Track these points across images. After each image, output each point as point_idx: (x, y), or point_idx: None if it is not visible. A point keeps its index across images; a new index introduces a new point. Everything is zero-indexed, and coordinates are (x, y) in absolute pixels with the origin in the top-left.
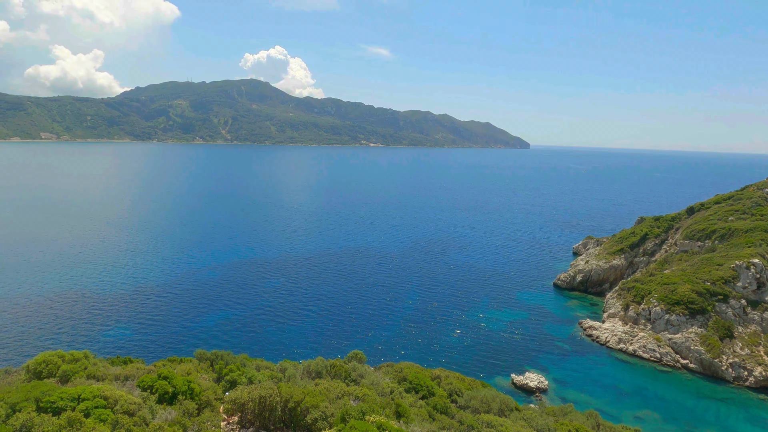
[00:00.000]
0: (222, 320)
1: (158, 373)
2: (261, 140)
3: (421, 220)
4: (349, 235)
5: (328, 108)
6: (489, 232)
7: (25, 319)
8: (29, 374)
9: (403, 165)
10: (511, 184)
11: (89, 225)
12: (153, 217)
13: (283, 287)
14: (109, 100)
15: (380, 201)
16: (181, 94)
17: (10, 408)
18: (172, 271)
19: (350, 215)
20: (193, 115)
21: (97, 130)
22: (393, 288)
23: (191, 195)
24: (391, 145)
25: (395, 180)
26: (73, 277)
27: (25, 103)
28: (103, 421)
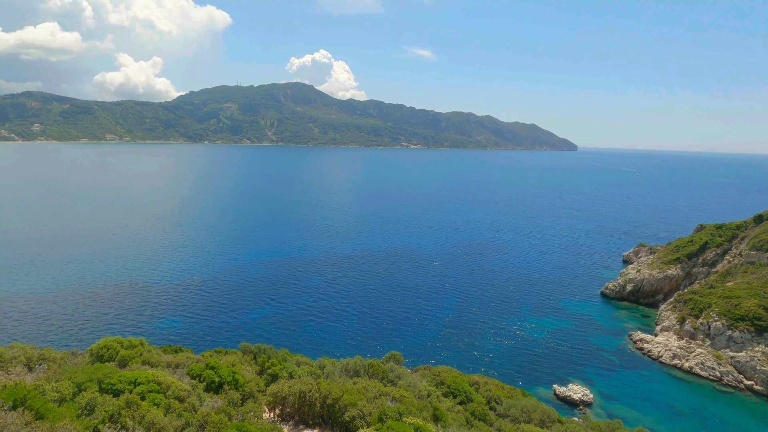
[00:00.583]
0: (264, 315)
1: (206, 362)
2: (304, 141)
3: (461, 222)
4: (387, 237)
5: (370, 110)
6: (532, 237)
7: (89, 306)
8: (92, 357)
9: (443, 167)
10: (557, 188)
11: (145, 221)
12: (202, 214)
13: (322, 286)
14: (165, 104)
15: (419, 203)
16: (231, 97)
17: (77, 387)
18: (219, 267)
19: (389, 216)
20: (241, 118)
21: (154, 132)
22: (431, 291)
23: (238, 194)
24: (432, 147)
25: (435, 182)
26: (131, 269)
27: (93, 108)
28: (157, 405)
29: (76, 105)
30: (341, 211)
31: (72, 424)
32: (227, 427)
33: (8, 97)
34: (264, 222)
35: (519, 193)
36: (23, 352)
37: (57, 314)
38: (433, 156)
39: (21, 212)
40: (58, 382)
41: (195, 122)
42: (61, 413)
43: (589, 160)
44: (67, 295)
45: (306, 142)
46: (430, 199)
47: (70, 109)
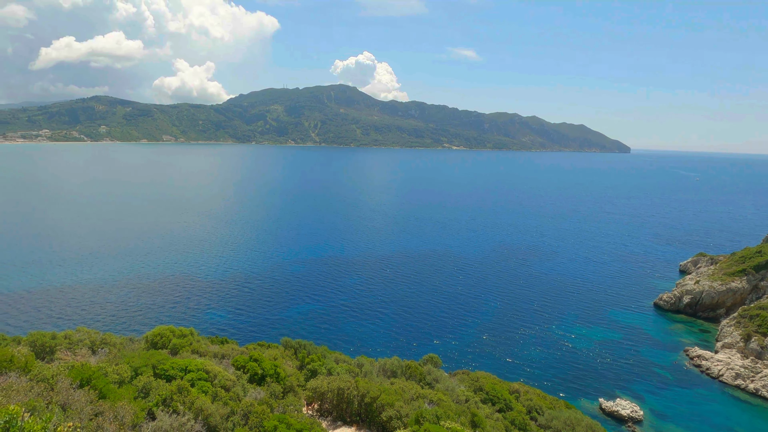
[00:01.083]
0: (304, 312)
1: (250, 355)
2: (347, 143)
3: (503, 225)
4: (427, 238)
5: (412, 111)
6: (579, 242)
7: (144, 296)
8: (147, 344)
9: (485, 168)
10: (607, 191)
11: (195, 217)
12: (247, 212)
13: (361, 285)
14: (217, 107)
15: (459, 205)
16: (277, 99)
17: (134, 371)
18: (262, 264)
19: (428, 218)
20: (286, 119)
21: (206, 133)
22: (470, 294)
23: (280, 193)
24: (475, 148)
25: (476, 184)
26: (182, 263)
27: (152, 110)
28: (205, 393)
29: (137, 108)
30: (380, 212)
31: (130, 405)
32: (269, 419)
33: (80, 101)
34: (305, 221)
35: (565, 196)
36: (88, 336)
37: (116, 302)
38: (476, 158)
39: (88, 207)
40: (118, 366)
41: (243, 124)
42: (120, 394)
43: (643, 163)
44: (125, 285)
45: (348, 143)
46: (471, 201)
47: (132, 112)
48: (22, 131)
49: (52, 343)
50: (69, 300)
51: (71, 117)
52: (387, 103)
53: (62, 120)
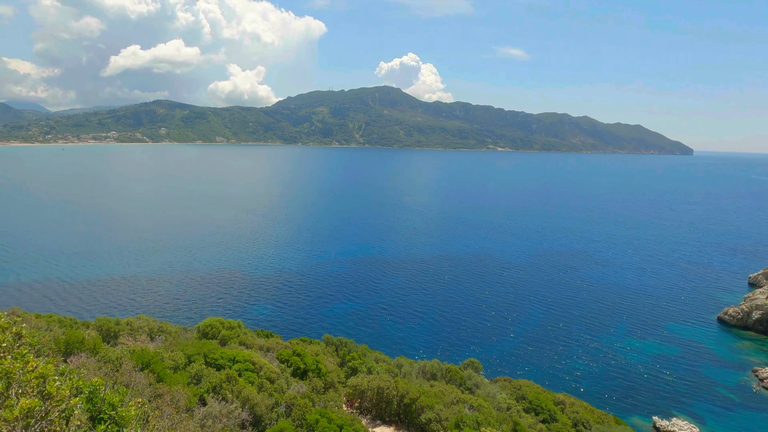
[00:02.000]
0: (345, 310)
1: (293, 349)
2: (390, 144)
3: (550, 230)
4: (469, 241)
5: (456, 112)
6: (632, 250)
7: (196, 288)
8: (199, 333)
9: (532, 170)
10: (665, 196)
11: (244, 214)
12: (292, 210)
13: (401, 286)
14: (266, 109)
15: (504, 207)
16: (323, 102)
17: (187, 358)
18: (306, 262)
19: (471, 221)
20: (331, 121)
21: (255, 135)
22: (513, 300)
23: (324, 193)
24: (521, 150)
25: (522, 186)
26: (230, 258)
27: (206, 113)
28: (251, 383)
29: (193, 111)
30: (422, 213)
31: (184, 390)
32: (311, 412)
33: (143, 105)
34: (347, 220)
35: (617, 200)
36: (147, 324)
37: (171, 293)
38: (522, 159)
39: (149, 203)
40: (174, 352)
41: (290, 125)
42: (175, 379)
43: (707, 165)
44: (179, 277)
45: (391, 144)
46: (516, 203)
47: (189, 115)
48: (93, 133)
49: (116, 328)
50: (130, 289)
51: (135, 120)
52: (431, 104)
53: (127, 122)
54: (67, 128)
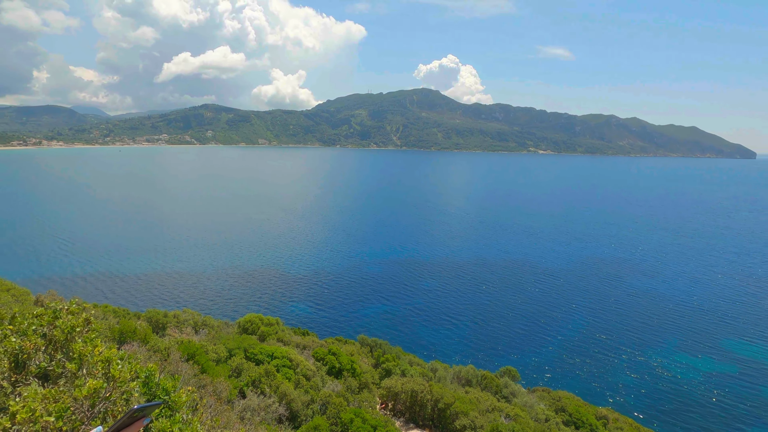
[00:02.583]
0: (379, 312)
1: (328, 348)
2: (427, 146)
3: (593, 236)
4: (507, 245)
5: (496, 114)
6: (684, 259)
7: (237, 285)
8: (239, 329)
9: (575, 173)
10: (722, 202)
11: (283, 214)
12: (329, 211)
13: (436, 290)
14: (306, 112)
15: (544, 211)
16: (362, 104)
17: (228, 352)
18: (342, 261)
19: (510, 224)
20: (370, 123)
21: (296, 137)
22: (552, 308)
23: (360, 194)
24: (563, 153)
25: (564, 189)
26: (270, 256)
27: (250, 116)
28: (288, 379)
29: (238, 114)
30: (458, 216)
31: (226, 382)
32: (346, 411)
33: (192, 109)
34: (382, 222)
35: (668, 206)
36: (192, 317)
37: (214, 289)
38: (564, 162)
39: (195, 201)
40: (216, 346)
41: (329, 128)
42: (218, 371)
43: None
44: (222, 273)
45: (429, 146)
46: (557, 208)
47: (234, 118)
48: (147, 135)
49: (164, 320)
50: (176, 283)
51: (185, 123)
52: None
53: (177, 126)
54: (124, 131)
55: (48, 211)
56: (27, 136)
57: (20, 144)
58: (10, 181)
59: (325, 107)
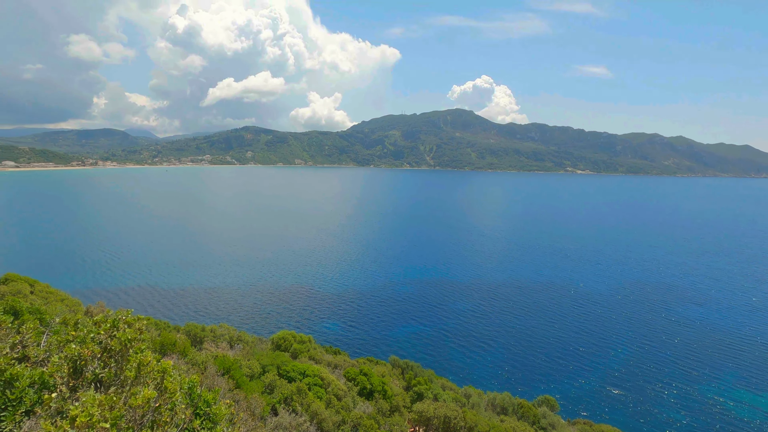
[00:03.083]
0: (411, 333)
1: (360, 368)
2: (461, 166)
3: (637, 260)
4: (543, 268)
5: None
6: (740, 286)
7: (271, 301)
8: (273, 345)
9: (617, 194)
10: None
11: (316, 232)
12: (362, 230)
13: (469, 312)
14: (341, 133)
15: (584, 234)
16: (395, 125)
17: (262, 368)
18: (374, 281)
19: (547, 246)
20: (403, 144)
21: (331, 157)
22: (593, 335)
23: (393, 213)
24: (603, 173)
25: (603, 211)
26: (302, 274)
27: (287, 138)
28: (320, 398)
29: (276, 136)
30: (492, 237)
31: (259, 398)
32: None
33: (233, 132)
34: (415, 242)
35: (719, 229)
36: (227, 332)
37: (249, 305)
38: (605, 182)
39: (233, 218)
40: (250, 361)
41: (363, 148)
42: (251, 387)
43: None
44: (256, 290)
45: (462, 166)
46: (597, 230)
47: (272, 139)
48: (191, 156)
49: (201, 334)
50: (213, 298)
51: (226, 144)
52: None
53: (220, 147)
54: (171, 152)
55: (98, 226)
56: (85, 157)
57: (78, 164)
58: (67, 198)
59: (360, 128)
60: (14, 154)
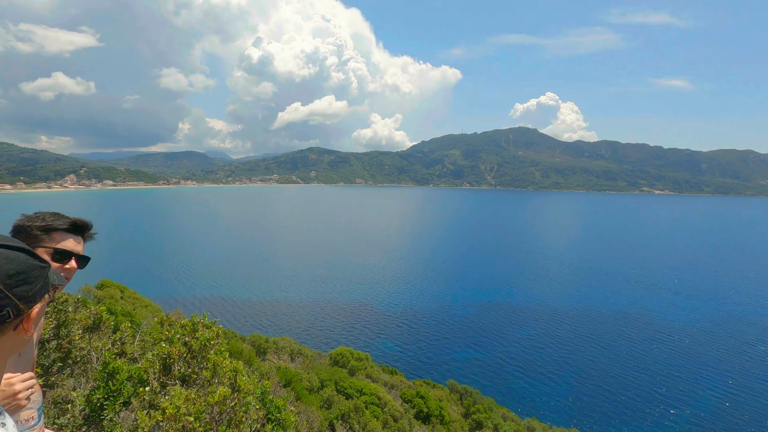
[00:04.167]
0: (469, 357)
1: (416, 390)
2: (524, 185)
3: (725, 291)
4: (614, 296)
5: (602, 151)
6: None
7: (329, 317)
8: (331, 360)
9: (703, 217)
10: None
11: (374, 250)
12: (420, 249)
13: (533, 339)
14: (401, 153)
15: (665, 260)
16: (455, 145)
17: (320, 382)
18: (432, 302)
19: (621, 272)
20: (463, 163)
21: (390, 177)
22: (674, 374)
23: (451, 233)
24: (686, 193)
25: (689, 235)
26: (360, 291)
27: (349, 158)
28: (376, 418)
29: (338, 156)
30: (558, 260)
31: (317, 413)
32: None
33: (299, 152)
34: (474, 262)
35: None
36: (289, 345)
37: (309, 319)
38: (689, 204)
39: (297, 234)
40: (309, 375)
41: (423, 168)
42: (310, 400)
43: None
44: (316, 305)
45: (525, 186)
46: (682, 257)
47: (335, 160)
48: (261, 176)
49: (265, 345)
50: (275, 311)
51: (292, 164)
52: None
53: (286, 167)
54: (243, 172)
55: (176, 238)
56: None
57: (164, 183)
58: (152, 213)
59: (419, 148)
60: (113, 174)
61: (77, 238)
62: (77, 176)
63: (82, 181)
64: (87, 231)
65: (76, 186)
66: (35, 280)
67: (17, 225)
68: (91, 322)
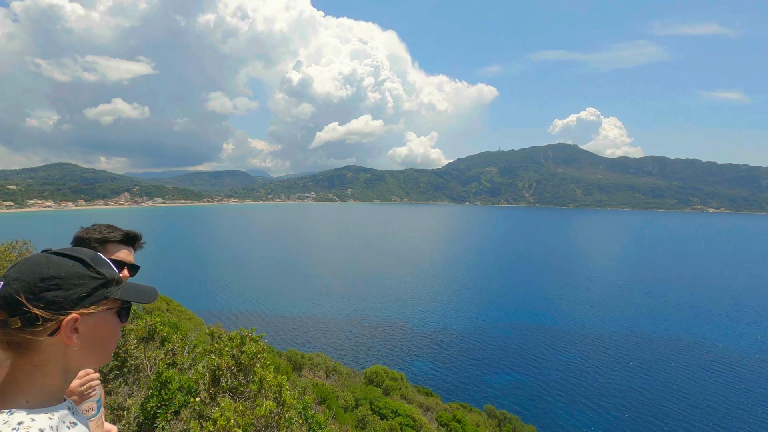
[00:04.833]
0: (508, 382)
1: (453, 414)
2: (564, 203)
3: None
4: (666, 321)
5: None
6: None
7: (365, 335)
8: (365, 379)
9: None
10: None
11: (410, 269)
12: (457, 268)
13: (576, 364)
14: (436, 170)
15: (720, 284)
16: (492, 162)
17: (355, 401)
18: (470, 322)
19: (670, 296)
20: (500, 180)
21: (426, 194)
22: (736, 406)
23: (491, 252)
24: (744, 211)
25: (748, 257)
26: (395, 309)
27: (384, 176)
28: None
29: (374, 174)
30: (601, 282)
31: (352, 431)
32: None
33: (336, 171)
34: (512, 283)
35: None
36: (324, 361)
37: (344, 337)
38: (750, 223)
39: (332, 251)
40: (344, 393)
41: (459, 185)
42: (345, 419)
43: None
44: (351, 323)
45: (566, 203)
46: (738, 281)
47: (371, 177)
48: (299, 194)
49: (301, 361)
50: (311, 327)
51: (329, 182)
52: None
53: (323, 185)
54: (282, 190)
55: (215, 252)
56: (213, 195)
57: (208, 201)
58: (194, 228)
59: (455, 165)
60: (162, 192)
61: (129, 249)
62: (131, 194)
63: (135, 199)
64: (138, 242)
65: (129, 203)
66: (73, 288)
67: (77, 237)
68: (146, 332)
